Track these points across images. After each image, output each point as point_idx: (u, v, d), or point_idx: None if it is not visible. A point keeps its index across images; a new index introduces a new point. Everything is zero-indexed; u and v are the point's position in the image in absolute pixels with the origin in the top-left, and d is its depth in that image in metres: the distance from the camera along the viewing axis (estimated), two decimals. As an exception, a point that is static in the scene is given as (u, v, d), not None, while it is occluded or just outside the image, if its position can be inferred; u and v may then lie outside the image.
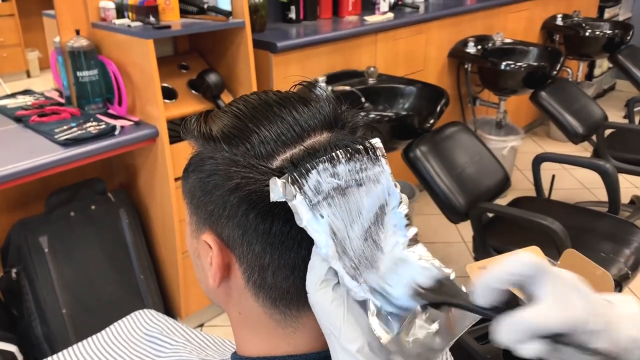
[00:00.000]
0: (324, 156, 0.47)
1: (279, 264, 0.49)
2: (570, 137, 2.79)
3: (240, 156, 0.48)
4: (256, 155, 0.48)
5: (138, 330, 1.03)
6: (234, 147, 0.49)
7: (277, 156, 0.48)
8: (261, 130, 0.49)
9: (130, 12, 1.91)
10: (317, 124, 0.50)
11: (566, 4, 4.02)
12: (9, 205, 1.92)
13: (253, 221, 0.48)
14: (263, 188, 0.47)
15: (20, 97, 2.12)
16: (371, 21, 2.61)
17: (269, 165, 0.48)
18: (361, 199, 0.48)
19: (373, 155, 0.49)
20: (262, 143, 0.48)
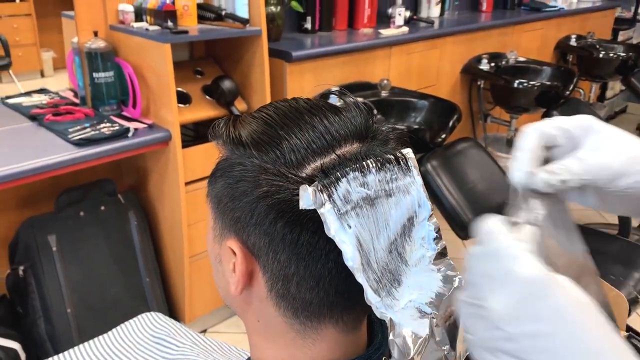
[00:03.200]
0: (354, 165, 0.46)
1: (304, 275, 0.48)
2: (581, 158, 2.78)
3: (270, 163, 0.48)
4: (286, 163, 0.47)
5: (145, 332, 1.03)
6: (264, 153, 0.48)
7: (307, 164, 0.47)
8: (292, 137, 0.48)
9: (149, 16, 1.93)
10: (348, 134, 0.49)
11: (580, 25, 4.02)
12: (20, 202, 1.93)
13: (281, 230, 0.47)
14: (292, 197, 0.46)
15: (35, 96, 2.13)
16: (386, 34, 2.62)
17: (299, 173, 0.47)
18: (389, 210, 0.48)
19: (404, 166, 0.49)
20: (292, 151, 0.48)
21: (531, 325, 0.35)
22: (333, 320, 0.50)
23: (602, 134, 0.46)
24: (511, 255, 0.37)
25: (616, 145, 0.46)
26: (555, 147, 0.48)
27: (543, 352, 0.34)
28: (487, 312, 0.37)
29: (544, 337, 0.34)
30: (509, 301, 0.36)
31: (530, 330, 0.35)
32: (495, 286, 0.37)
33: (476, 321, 0.38)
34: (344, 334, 0.51)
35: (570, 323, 0.34)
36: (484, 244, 0.40)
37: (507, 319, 0.36)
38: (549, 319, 0.34)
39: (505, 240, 0.38)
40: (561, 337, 0.34)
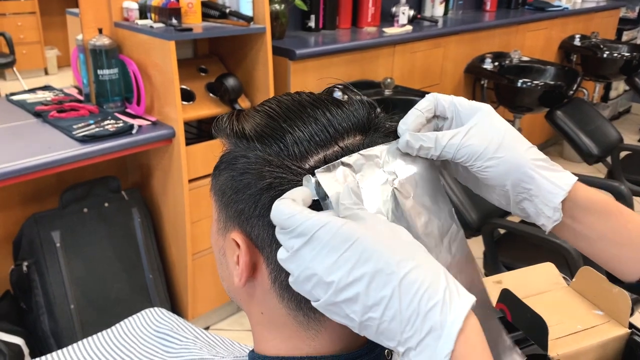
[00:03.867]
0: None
1: None
2: (584, 158, 2.78)
3: (274, 156, 0.48)
4: (289, 155, 0.48)
5: (148, 327, 1.03)
6: (267, 146, 0.49)
7: (310, 157, 0.48)
8: (295, 130, 0.49)
9: (153, 14, 1.93)
10: (350, 126, 0.50)
11: (584, 25, 4.02)
12: (24, 199, 1.94)
13: None
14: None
15: (40, 93, 2.14)
16: (390, 33, 2.62)
17: (302, 165, 0.48)
18: None
19: None
20: (295, 143, 0.48)
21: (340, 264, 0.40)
22: None
23: (483, 120, 0.52)
24: (294, 219, 0.42)
25: (487, 131, 0.52)
26: (446, 120, 0.55)
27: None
28: (316, 277, 0.42)
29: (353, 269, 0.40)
30: (315, 256, 0.41)
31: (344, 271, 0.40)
32: (306, 251, 0.42)
33: (315, 288, 0.42)
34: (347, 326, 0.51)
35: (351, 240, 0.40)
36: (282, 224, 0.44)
37: (327, 272, 0.41)
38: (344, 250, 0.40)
39: (286, 210, 0.43)
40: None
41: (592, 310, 0.75)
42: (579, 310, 0.75)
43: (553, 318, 0.68)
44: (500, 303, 0.73)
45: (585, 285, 0.78)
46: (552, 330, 0.67)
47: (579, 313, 0.74)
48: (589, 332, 0.71)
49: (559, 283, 0.82)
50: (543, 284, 0.81)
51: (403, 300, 0.39)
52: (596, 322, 0.73)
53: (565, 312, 0.75)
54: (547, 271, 0.85)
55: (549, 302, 0.78)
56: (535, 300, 0.77)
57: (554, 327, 0.67)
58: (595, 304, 0.76)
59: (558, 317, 0.72)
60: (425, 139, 0.51)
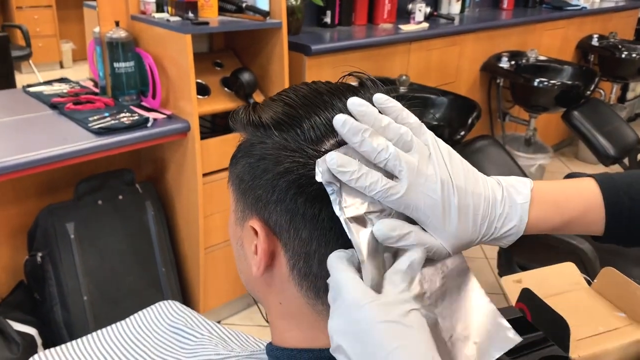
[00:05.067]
0: None
1: (325, 252, 0.48)
2: (601, 159, 2.75)
3: (291, 141, 0.48)
4: (306, 139, 0.48)
5: (162, 320, 1.03)
6: (284, 132, 0.49)
7: (326, 140, 0.48)
8: (312, 116, 0.49)
9: (170, 7, 1.93)
10: None
11: (602, 25, 3.97)
12: (39, 190, 1.95)
13: (302, 206, 0.48)
14: (312, 172, 0.46)
15: (56, 85, 2.15)
16: (406, 30, 2.60)
17: (319, 149, 0.47)
18: None
19: None
20: (312, 128, 0.48)
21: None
22: None
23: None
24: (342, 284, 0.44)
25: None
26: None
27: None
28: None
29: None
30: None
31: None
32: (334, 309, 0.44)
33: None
34: None
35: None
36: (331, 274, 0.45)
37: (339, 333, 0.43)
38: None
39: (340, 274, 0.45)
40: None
41: (614, 312, 0.73)
42: (601, 311, 0.74)
43: (574, 319, 0.66)
44: (520, 302, 0.72)
45: (607, 286, 0.77)
46: (573, 331, 0.66)
47: (601, 315, 0.73)
48: (610, 335, 0.70)
49: (579, 283, 0.81)
50: (563, 284, 0.80)
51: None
52: (618, 324, 0.71)
53: (587, 313, 0.74)
54: (568, 271, 0.84)
55: (570, 302, 0.77)
56: (555, 300, 0.76)
57: (574, 329, 0.66)
58: (617, 305, 0.74)
59: (579, 318, 0.71)
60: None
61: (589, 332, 0.69)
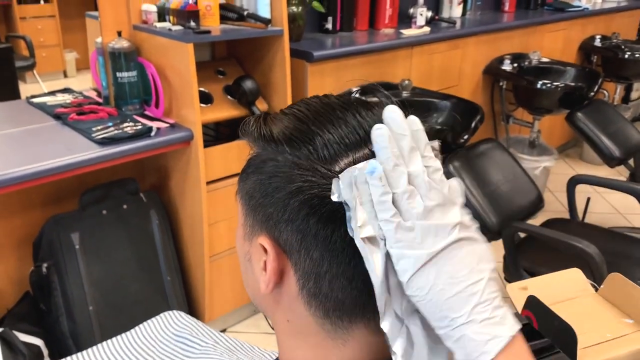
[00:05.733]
0: None
1: (336, 273, 0.47)
2: (606, 160, 2.73)
3: (303, 159, 0.47)
4: (319, 158, 0.47)
5: (168, 330, 1.03)
6: (296, 149, 0.48)
7: (340, 160, 0.47)
8: (324, 133, 0.48)
9: (172, 16, 1.94)
10: None
11: (605, 26, 3.96)
12: (44, 200, 1.95)
13: (314, 226, 0.47)
14: (326, 192, 0.45)
15: (59, 95, 2.15)
16: (407, 34, 2.60)
17: (332, 168, 0.46)
18: None
19: (437, 158, 0.48)
20: (325, 146, 0.47)
21: None
22: (365, 320, 0.49)
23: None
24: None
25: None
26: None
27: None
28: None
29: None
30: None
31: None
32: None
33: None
34: (375, 335, 0.50)
35: None
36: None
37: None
38: None
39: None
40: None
41: (622, 319, 0.73)
42: (608, 318, 0.73)
43: (581, 326, 0.66)
44: (526, 310, 0.72)
45: (614, 291, 0.76)
46: (581, 339, 0.65)
47: (608, 321, 0.72)
48: (618, 341, 0.69)
49: (586, 289, 0.80)
50: (570, 290, 0.79)
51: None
52: (626, 330, 0.71)
53: (594, 319, 0.73)
54: (574, 277, 0.83)
55: (577, 309, 0.76)
56: (562, 307, 0.75)
57: (582, 336, 0.66)
58: (625, 311, 0.74)
59: (586, 325, 0.70)
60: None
61: (596, 339, 0.69)
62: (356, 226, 0.44)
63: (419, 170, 0.44)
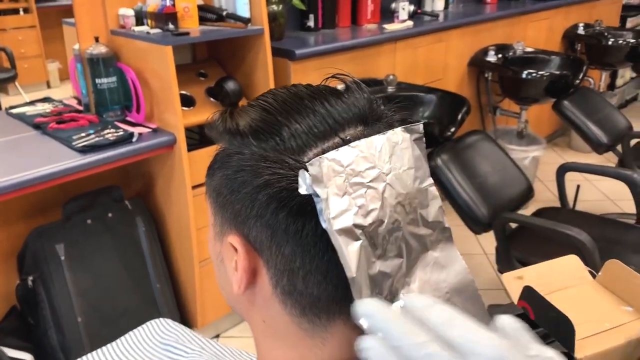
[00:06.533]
0: None
1: (310, 269, 0.45)
2: (594, 147, 2.73)
3: (270, 151, 0.45)
4: (287, 149, 0.45)
5: (153, 339, 1.00)
6: (263, 141, 0.46)
7: (309, 150, 0.45)
8: (292, 123, 0.45)
9: (149, 20, 1.90)
10: (351, 117, 0.47)
11: (587, 13, 3.96)
12: (27, 212, 1.91)
13: (283, 221, 0.44)
14: (294, 185, 0.43)
15: (39, 105, 2.11)
16: (390, 29, 2.58)
17: (301, 159, 0.44)
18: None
19: None
20: (293, 136, 0.45)
21: None
22: (343, 316, 0.47)
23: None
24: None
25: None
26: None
27: None
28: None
29: None
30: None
31: None
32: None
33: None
34: (355, 331, 0.47)
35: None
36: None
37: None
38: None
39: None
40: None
41: (621, 306, 0.70)
42: (607, 306, 0.71)
43: (579, 316, 0.64)
44: (522, 300, 0.69)
45: (612, 279, 0.74)
46: (579, 329, 0.63)
47: (607, 309, 0.70)
48: (617, 330, 0.67)
49: (584, 277, 0.78)
50: (567, 278, 0.77)
51: None
52: (625, 319, 0.68)
53: (592, 308, 0.71)
54: (571, 264, 0.81)
55: (575, 297, 0.74)
56: (559, 296, 0.73)
57: (580, 326, 0.63)
58: (624, 299, 0.72)
59: (584, 314, 0.68)
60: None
61: (595, 329, 0.66)
62: (329, 217, 0.41)
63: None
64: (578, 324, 0.63)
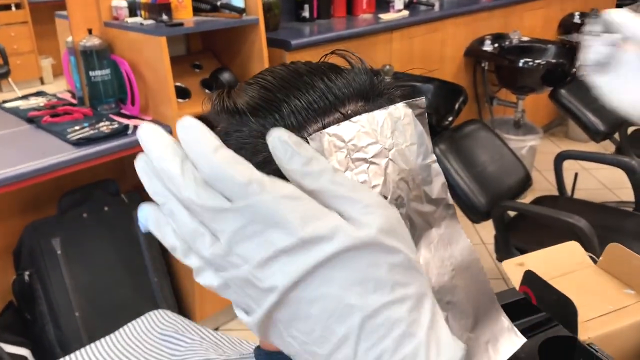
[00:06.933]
0: None
1: None
2: (591, 135, 2.72)
3: (270, 127, 0.44)
4: (286, 125, 0.43)
5: (152, 330, 1.00)
6: (262, 118, 0.44)
7: (309, 126, 0.44)
8: (291, 99, 0.44)
9: (143, 11, 1.88)
10: (352, 92, 0.46)
11: (583, 2, 3.95)
12: (22, 207, 1.89)
13: None
14: None
15: (32, 99, 2.10)
16: (386, 19, 2.57)
17: (302, 135, 0.43)
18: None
19: None
20: (292, 113, 0.44)
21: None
22: None
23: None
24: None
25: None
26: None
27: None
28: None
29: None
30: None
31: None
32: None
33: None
34: None
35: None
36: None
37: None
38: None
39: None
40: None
41: (623, 290, 0.70)
42: (609, 289, 0.70)
43: (581, 299, 0.63)
44: (524, 285, 0.69)
45: (613, 263, 0.73)
46: (581, 312, 0.62)
47: (609, 293, 0.70)
48: (620, 313, 0.66)
49: (585, 262, 0.77)
50: (568, 264, 0.76)
51: (360, 348, 0.30)
52: (628, 301, 0.68)
53: (594, 292, 0.70)
54: (572, 250, 0.80)
55: (576, 282, 0.73)
56: (561, 281, 0.72)
57: (583, 309, 0.63)
58: (626, 282, 0.71)
59: (586, 298, 0.67)
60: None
61: (598, 312, 0.66)
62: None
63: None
64: (580, 307, 0.62)
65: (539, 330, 0.63)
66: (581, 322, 0.64)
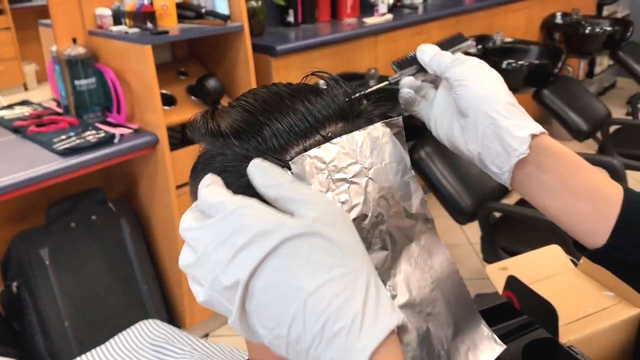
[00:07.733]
0: None
1: None
2: (574, 135, 2.76)
3: (252, 151, 0.45)
4: (269, 149, 0.45)
5: (143, 340, 1.00)
6: (245, 141, 0.46)
7: (290, 148, 0.45)
8: (273, 122, 0.46)
9: (127, 19, 1.89)
10: (331, 114, 0.47)
11: (565, 2, 4.00)
12: (9, 217, 1.89)
13: None
14: None
15: (17, 108, 2.09)
16: (370, 23, 2.58)
17: (283, 158, 0.44)
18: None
19: None
20: (274, 136, 0.45)
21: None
22: None
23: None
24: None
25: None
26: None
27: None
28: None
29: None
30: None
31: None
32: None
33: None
34: None
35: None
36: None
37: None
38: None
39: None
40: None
41: (603, 292, 0.72)
42: (589, 292, 0.72)
43: (562, 302, 0.65)
44: (507, 290, 0.70)
45: (593, 266, 0.75)
46: (563, 315, 0.64)
47: (589, 295, 0.71)
48: (600, 315, 0.68)
49: (566, 265, 0.79)
50: (550, 267, 0.78)
51: (307, 322, 0.34)
52: (607, 303, 0.70)
53: (575, 295, 0.72)
54: (554, 254, 0.82)
55: (558, 286, 0.75)
56: (543, 284, 0.74)
57: (564, 312, 0.64)
58: (605, 285, 0.73)
59: (567, 301, 0.69)
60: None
61: (578, 315, 0.68)
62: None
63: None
64: (561, 310, 0.64)
65: (521, 333, 0.65)
66: (562, 324, 0.66)
